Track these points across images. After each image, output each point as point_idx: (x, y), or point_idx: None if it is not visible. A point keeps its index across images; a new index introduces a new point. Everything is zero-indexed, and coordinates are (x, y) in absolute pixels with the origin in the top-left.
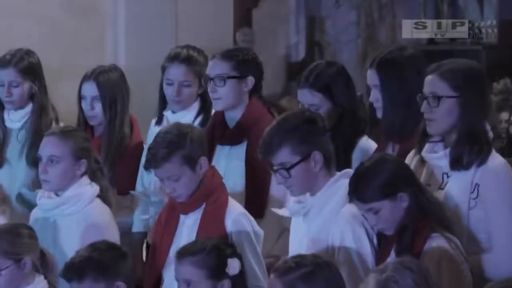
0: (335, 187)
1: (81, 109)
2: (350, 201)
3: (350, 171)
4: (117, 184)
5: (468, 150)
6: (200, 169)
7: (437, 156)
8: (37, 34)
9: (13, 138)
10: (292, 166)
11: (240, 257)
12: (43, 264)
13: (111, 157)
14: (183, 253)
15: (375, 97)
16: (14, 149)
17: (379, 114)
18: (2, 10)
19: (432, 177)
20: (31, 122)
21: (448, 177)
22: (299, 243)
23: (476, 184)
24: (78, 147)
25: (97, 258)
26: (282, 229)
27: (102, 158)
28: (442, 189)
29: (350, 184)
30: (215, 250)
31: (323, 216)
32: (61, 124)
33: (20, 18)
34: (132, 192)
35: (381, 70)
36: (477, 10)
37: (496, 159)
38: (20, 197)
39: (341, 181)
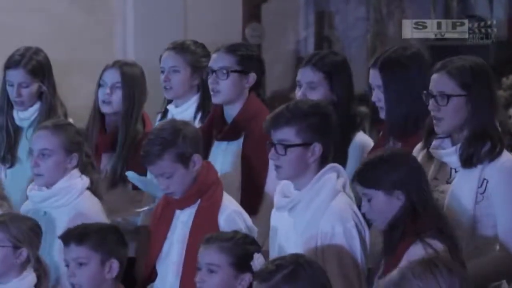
0: (322, 181)
1: (96, 100)
2: (352, 181)
3: (336, 166)
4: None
5: (480, 149)
6: (193, 166)
7: (446, 153)
8: (46, 30)
9: (23, 137)
10: (291, 146)
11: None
12: (38, 268)
13: (125, 152)
14: (211, 239)
15: (378, 97)
16: (24, 147)
17: (382, 114)
18: (10, 6)
19: (440, 172)
20: (40, 122)
21: (456, 171)
22: (284, 237)
23: (484, 179)
24: (69, 140)
25: (100, 230)
26: None
27: (118, 150)
28: (449, 183)
29: (360, 164)
30: (244, 240)
31: (311, 211)
32: (70, 120)
33: (29, 13)
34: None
35: (384, 70)
36: (486, 6)
37: (505, 155)
38: None
39: (328, 175)
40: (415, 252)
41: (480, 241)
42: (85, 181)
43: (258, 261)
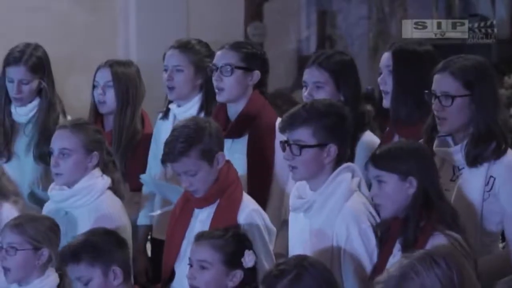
0: (337, 181)
1: (93, 101)
2: (366, 164)
3: (351, 165)
4: (129, 179)
5: (486, 148)
6: (217, 164)
7: (451, 152)
8: (48, 28)
9: (21, 132)
10: (307, 146)
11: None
12: (60, 267)
13: (122, 149)
14: (202, 235)
15: (384, 80)
16: (22, 143)
17: (386, 102)
18: (13, 4)
19: (442, 170)
20: (39, 118)
21: (459, 170)
22: (300, 238)
23: (491, 177)
24: (89, 139)
25: (94, 242)
26: (282, 222)
27: (113, 149)
28: (453, 181)
29: (377, 148)
30: (235, 238)
31: (326, 211)
32: (69, 118)
33: (32, 12)
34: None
35: (397, 56)
36: (489, 5)
37: (510, 153)
38: (31, 195)
39: (343, 175)
40: (440, 243)
41: (485, 238)
42: (106, 180)
43: (249, 258)
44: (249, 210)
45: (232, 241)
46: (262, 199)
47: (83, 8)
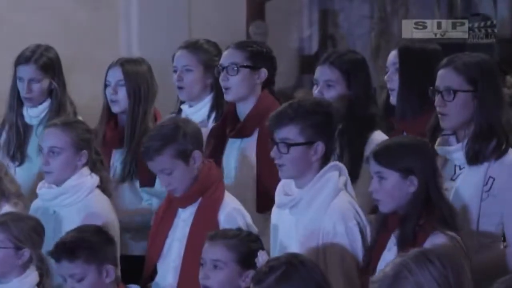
0: (324, 179)
1: (105, 100)
2: (367, 159)
3: (337, 164)
4: (140, 177)
5: (486, 146)
6: (194, 163)
7: (452, 150)
8: (50, 28)
9: (33, 134)
10: (294, 144)
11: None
12: (41, 266)
13: (134, 147)
14: (216, 235)
15: (391, 77)
16: (34, 145)
17: (393, 98)
18: (15, 4)
19: (444, 169)
20: (50, 119)
21: (460, 169)
22: (285, 235)
23: (490, 177)
24: (79, 138)
25: (90, 240)
26: None
27: (125, 147)
28: (453, 180)
29: (380, 143)
30: (248, 238)
31: (312, 209)
32: (80, 118)
33: (33, 11)
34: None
35: (403, 53)
36: (491, 4)
37: (511, 154)
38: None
39: (330, 173)
40: (441, 241)
41: (484, 239)
42: (95, 179)
43: (262, 259)
44: (229, 209)
45: (246, 241)
46: (271, 198)
47: (84, 7)
